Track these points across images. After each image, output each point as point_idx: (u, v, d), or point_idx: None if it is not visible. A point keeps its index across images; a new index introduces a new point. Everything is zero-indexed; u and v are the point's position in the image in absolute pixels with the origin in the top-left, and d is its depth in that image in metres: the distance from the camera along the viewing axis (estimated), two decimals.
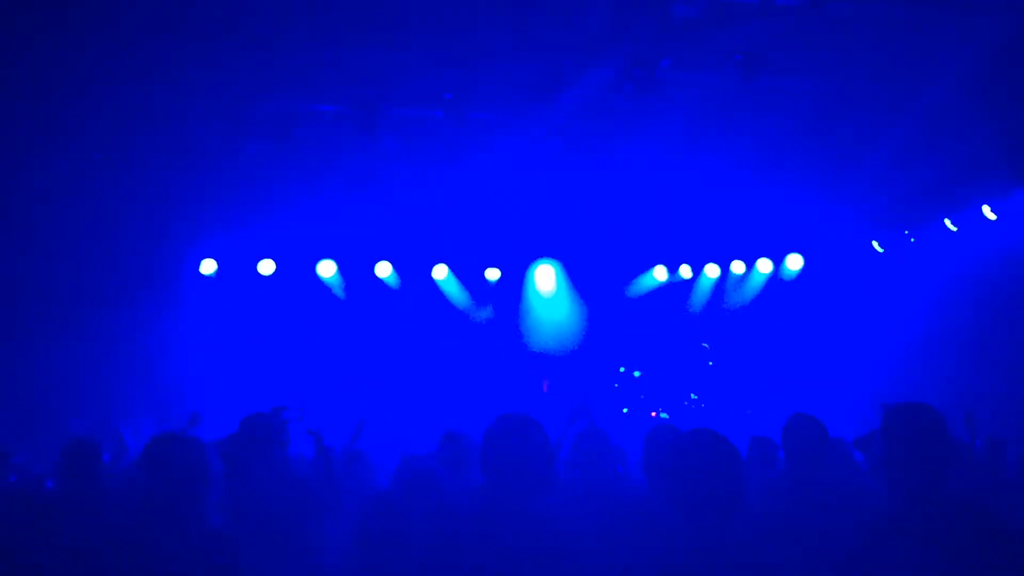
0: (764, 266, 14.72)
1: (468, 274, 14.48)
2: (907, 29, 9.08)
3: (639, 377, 14.27)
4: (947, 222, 12.77)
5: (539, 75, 9.83)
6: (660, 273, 14.80)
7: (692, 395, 14.29)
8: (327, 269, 13.90)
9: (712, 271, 14.84)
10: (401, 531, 4.36)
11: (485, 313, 14.50)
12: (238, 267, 13.61)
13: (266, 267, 13.63)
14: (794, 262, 14.56)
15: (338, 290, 14.07)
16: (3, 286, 11.89)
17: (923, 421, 3.99)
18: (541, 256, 14.61)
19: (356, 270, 14.04)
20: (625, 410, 13.93)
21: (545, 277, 14.69)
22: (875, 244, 14.04)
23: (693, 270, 14.89)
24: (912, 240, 13.54)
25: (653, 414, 13.83)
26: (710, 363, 14.48)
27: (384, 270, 14.00)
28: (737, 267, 14.80)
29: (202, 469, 4.07)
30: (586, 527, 5.26)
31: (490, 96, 10.30)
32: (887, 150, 11.30)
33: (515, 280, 14.66)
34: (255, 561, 4.07)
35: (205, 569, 3.81)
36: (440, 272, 14.30)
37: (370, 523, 4.61)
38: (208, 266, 13.45)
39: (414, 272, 14.20)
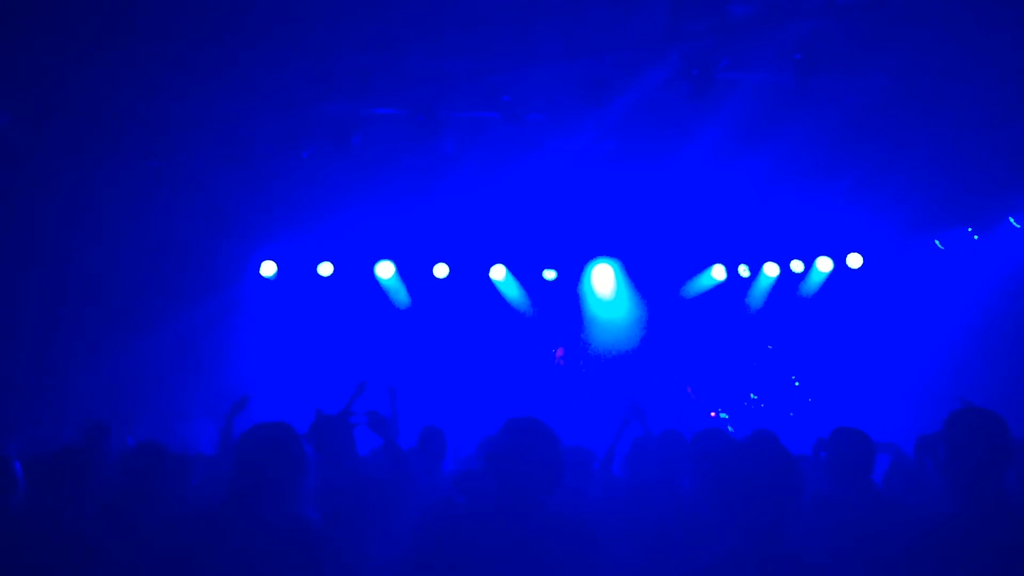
0: (823, 265, 14.57)
1: (526, 275, 14.48)
2: (969, 21, 8.93)
3: (684, 377, 14.17)
4: (1011, 220, 12.60)
5: (595, 75, 9.82)
6: (718, 272, 14.71)
7: (752, 395, 14.19)
8: (386, 271, 14.00)
9: (770, 270, 14.71)
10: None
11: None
12: (298, 269, 13.76)
13: (325, 269, 13.77)
14: (854, 260, 14.39)
15: (397, 292, 14.15)
16: (69, 290, 12.12)
17: (986, 426, 3.96)
18: (598, 256, 14.58)
19: (414, 271, 14.11)
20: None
21: (603, 277, 14.66)
22: (937, 243, 13.86)
23: (751, 269, 14.77)
24: (976, 238, 13.36)
25: (712, 415, 13.76)
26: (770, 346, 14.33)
27: (442, 271, 14.06)
28: (795, 266, 14.66)
29: (299, 458, 3.99)
30: (632, 532, 5.25)
31: (546, 97, 10.31)
32: (946, 147, 11.15)
33: (572, 280, 14.64)
34: (347, 554, 4.04)
35: (299, 562, 3.75)
36: (498, 273, 14.32)
37: (431, 526, 4.58)
38: (268, 268, 13.62)
39: (472, 273, 14.23)
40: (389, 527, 5.06)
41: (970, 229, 13.45)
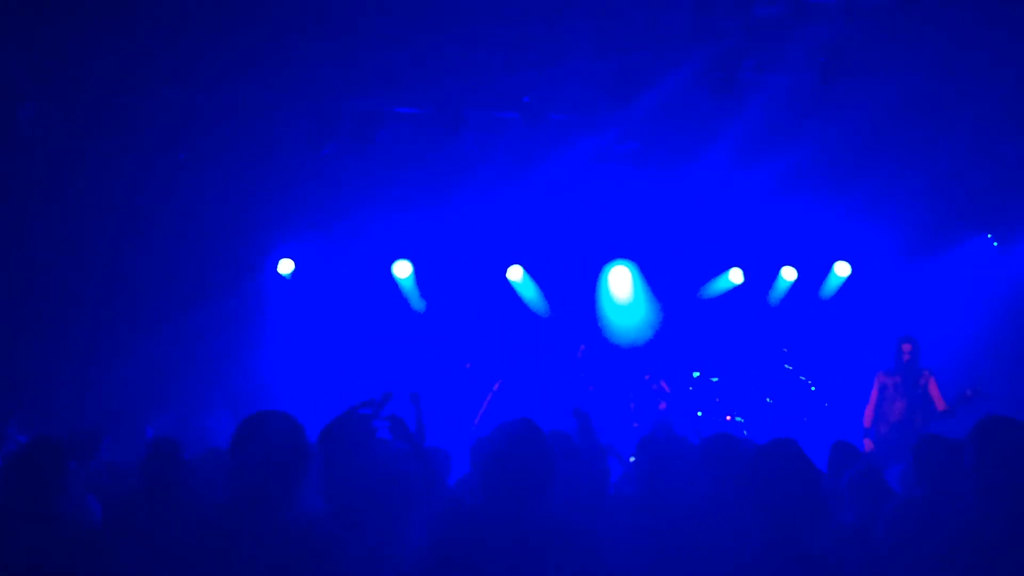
0: (841, 269, 14.48)
1: (544, 275, 14.43)
2: (991, 23, 8.90)
3: (716, 382, 14.14)
4: None
5: (618, 77, 9.83)
6: (735, 276, 14.65)
7: (767, 399, 14.14)
8: (403, 270, 13.95)
9: (788, 274, 14.63)
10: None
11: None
12: (316, 267, 13.72)
13: (343, 267, 13.73)
14: (871, 266, 14.30)
15: (413, 291, 14.11)
16: (88, 282, 12.15)
17: (1015, 433, 3.97)
18: (616, 258, 14.54)
19: (432, 271, 14.07)
20: (700, 414, 13.82)
21: (620, 279, 14.61)
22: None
23: (768, 273, 14.70)
24: (996, 244, 13.30)
25: (728, 418, 13.72)
26: (788, 366, 14.31)
27: (457, 272, 13.98)
28: (812, 271, 14.58)
29: (301, 447, 3.81)
30: (643, 540, 5.20)
31: (569, 98, 10.33)
32: (968, 151, 11.12)
33: (590, 281, 14.60)
34: (354, 550, 3.95)
35: (304, 557, 3.62)
36: (515, 273, 14.26)
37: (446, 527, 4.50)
38: (286, 266, 13.56)
39: (490, 273, 14.17)
40: (402, 525, 5.00)
41: (990, 235, 13.38)
